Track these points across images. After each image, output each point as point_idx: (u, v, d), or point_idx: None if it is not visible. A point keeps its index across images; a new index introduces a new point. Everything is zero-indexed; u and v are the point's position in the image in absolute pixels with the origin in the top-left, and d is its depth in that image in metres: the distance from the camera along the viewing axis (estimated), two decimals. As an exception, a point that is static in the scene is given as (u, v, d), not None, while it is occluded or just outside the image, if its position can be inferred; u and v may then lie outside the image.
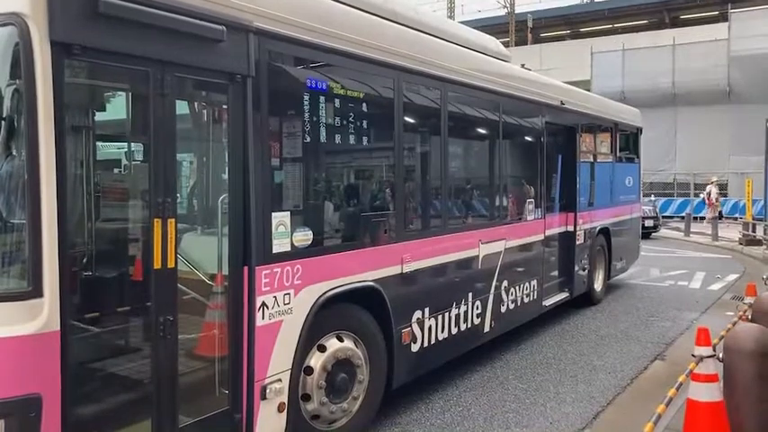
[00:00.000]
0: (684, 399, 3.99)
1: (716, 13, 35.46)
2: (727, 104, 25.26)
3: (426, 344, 5.43)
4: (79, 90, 3.70)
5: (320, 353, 4.38)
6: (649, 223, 19.11)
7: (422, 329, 5.37)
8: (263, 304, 3.87)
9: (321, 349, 4.40)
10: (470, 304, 6.12)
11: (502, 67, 7.15)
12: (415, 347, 5.30)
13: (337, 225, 4.81)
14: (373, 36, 4.88)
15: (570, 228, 8.80)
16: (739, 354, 3.94)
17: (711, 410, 3.80)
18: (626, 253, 11.13)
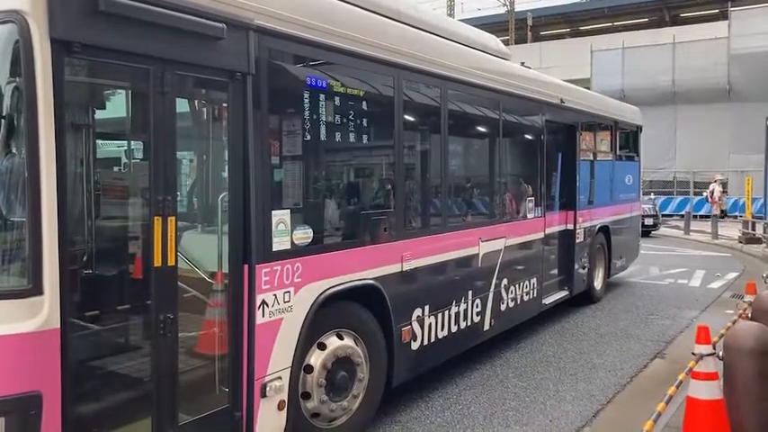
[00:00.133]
0: (684, 397, 3.99)
1: (716, 12, 35.45)
2: (727, 103, 25.27)
3: (426, 342, 5.44)
4: (79, 88, 3.70)
5: (320, 351, 4.39)
6: (649, 221, 19.13)
7: (422, 327, 5.37)
8: (264, 302, 3.87)
9: (321, 347, 4.40)
10: (470, 302, 6.12)
11: (502, 66, 7.14)
12: (415, 345, 5.31)
13: (337, 223, 4.81)
14: (373, 34, 4.87)
15: (570, 226, 8.80)
16: (739, 352, 3.94)
17: (711, 408, 3.81)
18: (626, 251, 11.13)
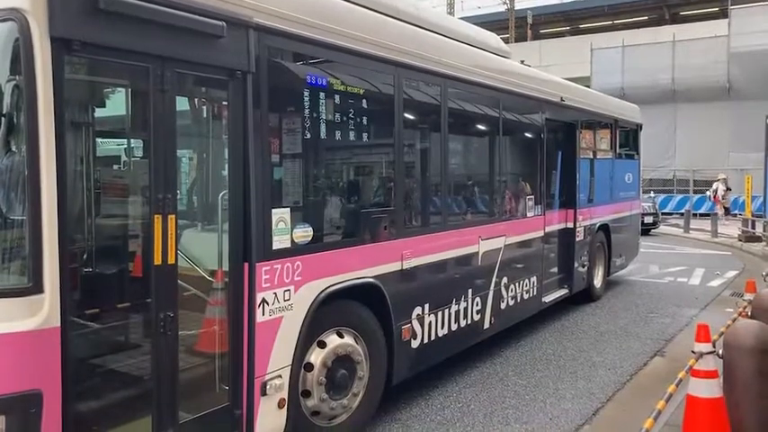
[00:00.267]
0: (684, 395, 4.00)
1: (716, 10, 35.39)
2: (726, 101, 25.23)
3: (426, 340, 5.44)
4: (79, 86, 3.70)
5: (320, 349, 4.39)
6: (649, 220, 19.15)
7: (422, 326, 5.37)
8: (264, 301, 3.87)
9: (321, 345, 4.40)
10: (470, 301, 6.12)
11: (502, 64, 7.14)
12: (415, 344, 5.31)
13: (337, 221, 4.81)
14: (373, 32, 4.87)
15: (570, 224, 8.80)
16: (739, 350, 3.94)
17: (711, 407, 3.82)
18: (625, 249, 11.13)
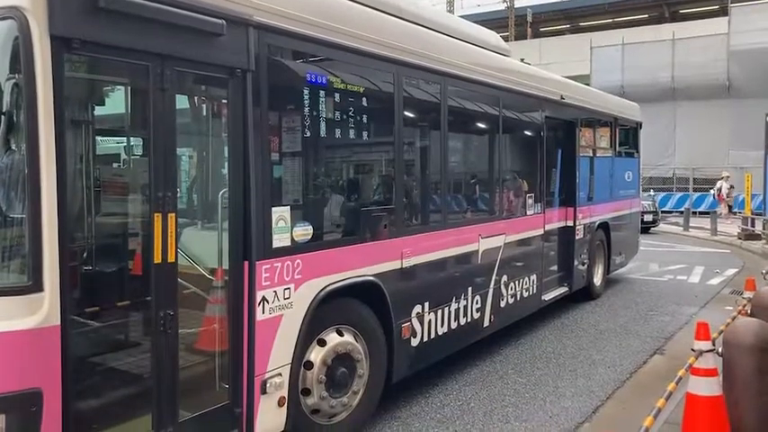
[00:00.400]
0: (684, 393, 4.00)
1: (716, 8, 35.36)
2: (726, 99, 25.22)
3: (426, 338, 5.44)
4: (79, 84, 3.70)
5: (320, 347, 4.39)
6: (648, 218, 19.15)
7: (421, 324, 5.38)
8: (264, 299, 3.87)
9: (321, 344, 4.40)
10: (470, 299, 6.12)
11: (502, 62, 7.14)
12: (415, 342, 5.31)
13: (337, 220, 4.81)
14: (373, 30, 4.86)
15: (570, 222, 8.80)
16: (739, 348, 3.94)
17: (711, 405, 3.82)
18: (625, 248, 11.13)
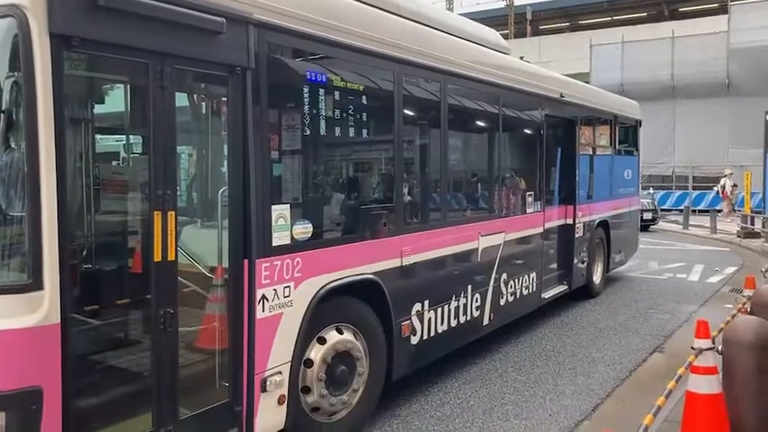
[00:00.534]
0: (683, 391, 4.00)
1: (715, 6, 35.34)
2: (725, 97, 25.21)
3: (426, 336, 5.44)
4: (78, 82, 3.70)
5: (320, 345, 4.39)
6: (648, 216, 19.14)
7: (421, 322, 5.38)
8: (264, 297, 3.87)
9: (321, 342, 4.40)
10: (470, 297, 6.12)
11: (501, 60, 7.13)
12: (415, 340, 5.31)
13: (337, 218, 4.81)
14: (373, 28, 4.86)
15: (569, 220, 8.81)
16: (738, 346, 3.94)
17: (710, 402, 3.82)
18: (625, 246, 11.14)
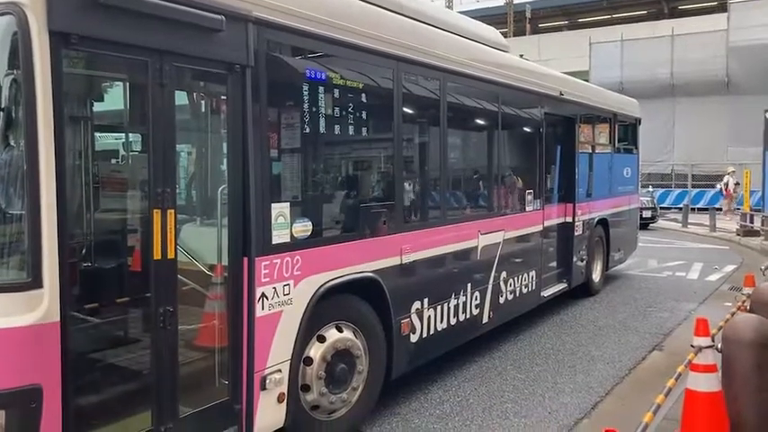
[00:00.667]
0: (683, 389, 4.00)
1: (715, 4, 35.35)
2: (725, 95, 25.21)
3: (425, 334, 5.44)
4: (78, 80, 3.70)
5: (320, 343, 4.39)
6: (647, 214, 19.13)
7: (421, 320, 5.38)
8: (263, 295, 3.87)
9: (320, 340, 4.40)
10: (469, 295, 6.13)
11: (501, 58, 7.12)
12: (414, 338, 5.32)
13: (337, 216, 4.80)
14: (373, 26, 4.85)
15: (569, 219, 8.81)
16: (738, 344, 3.94)
17: (710, 401, 3.82)
18: (624, 244, 11.14)
